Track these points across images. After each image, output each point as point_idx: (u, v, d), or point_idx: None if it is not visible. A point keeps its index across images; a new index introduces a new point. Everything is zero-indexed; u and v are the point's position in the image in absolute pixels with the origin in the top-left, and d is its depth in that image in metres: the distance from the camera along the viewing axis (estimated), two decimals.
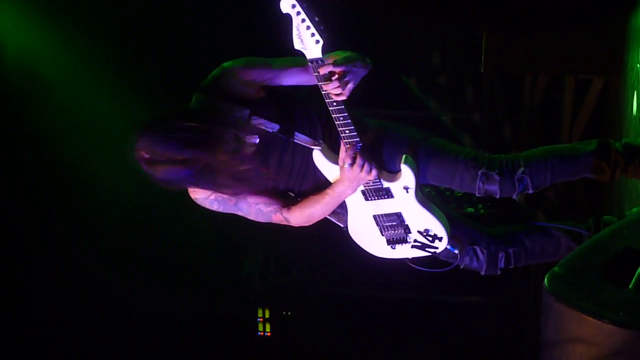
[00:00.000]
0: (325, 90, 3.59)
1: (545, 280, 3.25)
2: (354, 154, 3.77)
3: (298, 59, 3.71)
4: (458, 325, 8.05)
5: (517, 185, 4.08)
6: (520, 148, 6.88)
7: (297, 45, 3.47)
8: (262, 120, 3.75)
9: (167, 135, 3.57)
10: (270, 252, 8.24)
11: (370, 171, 3.81)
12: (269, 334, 8.23)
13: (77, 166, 7.08)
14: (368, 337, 8.20)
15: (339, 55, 3.66)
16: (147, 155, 3.55)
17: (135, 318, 7.68)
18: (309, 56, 3.50)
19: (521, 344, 7.72)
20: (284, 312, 8.26)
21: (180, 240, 7.49)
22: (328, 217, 4.11)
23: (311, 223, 4.02)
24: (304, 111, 3.92)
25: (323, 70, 3.53)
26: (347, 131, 3.72)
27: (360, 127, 3.80)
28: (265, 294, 8.20)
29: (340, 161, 3.81)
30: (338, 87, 3.56)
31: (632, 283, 3.16)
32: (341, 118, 3.68)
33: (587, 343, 3.11)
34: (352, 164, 3.78)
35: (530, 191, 4.11)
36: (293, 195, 4.01)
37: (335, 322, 8.27)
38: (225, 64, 3.80)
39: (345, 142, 3.76)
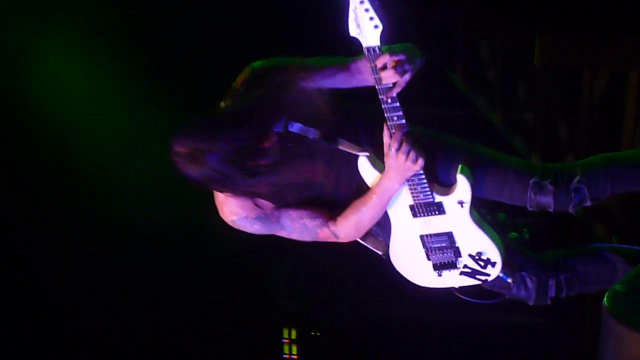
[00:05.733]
0: (380, 81, 3.40)
1: (605, 299, 3.30)
2: (401, 137, 3.56)
3: (336, 58, 3.72)
4: (505, 350, 7.73)
5: (573, 196, 3.98)
6: (578, 151, 6.79)
7: (353, 31, 3.36)
8: (300, 126, 3.59)
9: (206, 128, 3.51)
10: (299, 266, 7.98)
11: (417, 160, 3.66)
12: (295, 357, 7.98)
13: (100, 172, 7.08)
14: None
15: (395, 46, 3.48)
16: (184, 150, 3.49)
17: (151, 337, 7.64)
18: (365, 44, 3.37)
19: None
20: (313, 333, 7.99)
21: (204, 255, 7.47)
22: (365, 243, 4.08)
23: (361, 234, 3.93)
24: (348, 118, 3.78)
25: (380, 62, 3.35)
26: (396, 118, 3.60)
27: None
28: (292, 312, 7.96)
29: (385, 147, 3.68)
30: (395, 75, 3.38)
31: None
32: (395, 117, 3.54)
33: None
34: (398, 149, 3.57)
35: (588, 203, 4.02)
36: (338, 206, 3.85)
37: (368, 344, 7.98)
38: (255, 64, 3.70)
39: (391, 124, 3.57)
